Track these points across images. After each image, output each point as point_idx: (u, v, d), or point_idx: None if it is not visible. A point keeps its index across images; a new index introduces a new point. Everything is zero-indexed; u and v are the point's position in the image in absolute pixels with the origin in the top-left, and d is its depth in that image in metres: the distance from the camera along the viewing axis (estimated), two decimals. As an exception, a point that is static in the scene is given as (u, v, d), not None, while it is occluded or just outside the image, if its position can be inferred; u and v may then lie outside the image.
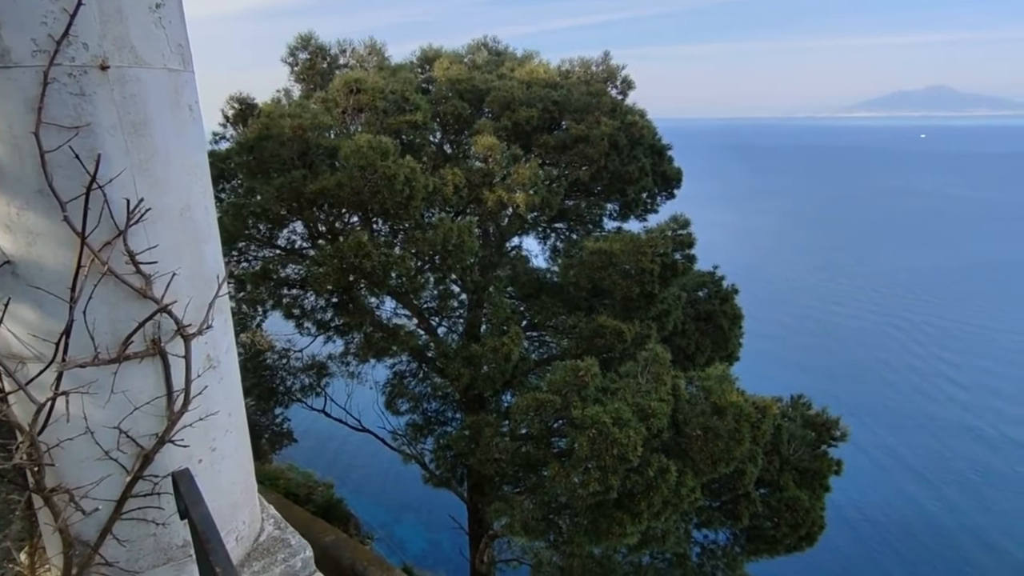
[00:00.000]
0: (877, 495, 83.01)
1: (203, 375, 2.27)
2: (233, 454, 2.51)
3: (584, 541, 6.17)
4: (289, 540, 2.65)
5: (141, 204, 2.01)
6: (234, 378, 2.57)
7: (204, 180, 2.37)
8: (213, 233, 2.45)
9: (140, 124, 2.01)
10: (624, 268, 8.52)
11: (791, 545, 7.12)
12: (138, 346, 2.06)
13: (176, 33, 2.15)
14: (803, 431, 7.41)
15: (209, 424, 2.33)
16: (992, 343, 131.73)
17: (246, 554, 2.56)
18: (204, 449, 2.34)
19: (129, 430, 2.07)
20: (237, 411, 2.57)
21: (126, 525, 2.15)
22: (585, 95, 12.52)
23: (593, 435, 5.74)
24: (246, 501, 2.62)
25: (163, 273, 2.11)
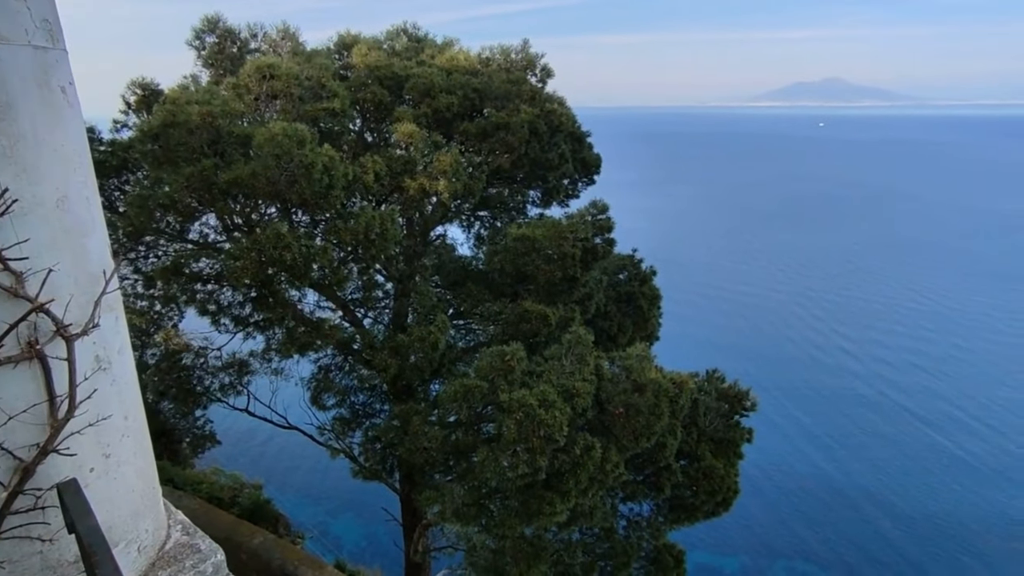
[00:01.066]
0: (782, 460, 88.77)
1: (92, 377, 2.09)
2: (131, 460, 2.33)
3: (515, 523, 6.23)
4: (199, 545, 2.51)
5: (7, 195, 1.81)
6: (129, 379, 2.38)
7: (84, 169, 2.17)
8: (98, 226, 2.25)
9: (1, 107, 1.81)
10: (547, 253, 8.59)
11: (709, 511, 7.48)
12: (11, 349, 1.87)
13: (42, 7, 1.95)
14: (718, 403, 7.77)
15: (101, 429, 2.15)
16: (882, 316, 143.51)
17: (150, 564, 2.39)
18: (96, 456, 2.16)
19: (3, 442, 1.88)
20: (134, 414, 2.39)
21: (6, 545, 1.95)
22: (505, 83, 12.48)
23: (520, 418, 5.77)
24: (148, 508, 2.45)
25: (38, 270, 1.91)
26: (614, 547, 7.37)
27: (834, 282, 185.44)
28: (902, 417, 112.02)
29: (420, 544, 11.72)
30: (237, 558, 10.10)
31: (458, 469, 6.96)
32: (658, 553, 7.74)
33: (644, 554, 7.72)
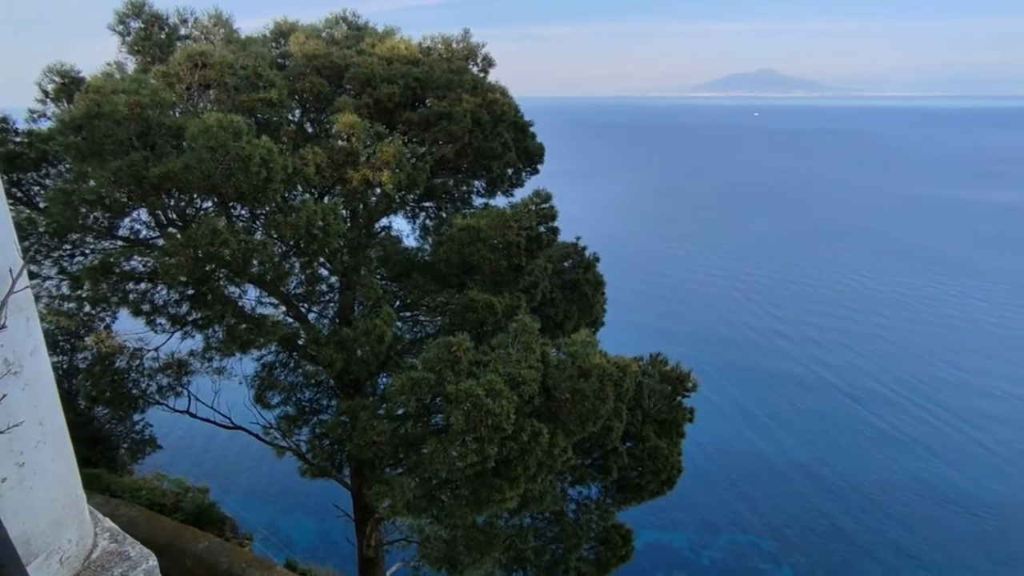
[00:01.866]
0: (721, 439, 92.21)
1: (0, 382, 1.96)
2: (50, 467, 2.20)
3: (466, 512, 6.23)
4: (128, 552, 2.40)
5: None
6: (44, 383, 2.24)
7: (-17, 159, 2.01)
8: (2, 222, 2.10)
9: None
10: (492, 243, 8.58)
11: (655, 491, 7.68)
12: (-97, 355, 1.72)
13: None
14: (661, 385, 7.97)
15: (14, 437, 2.02)
16: (812, 298, 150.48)
17: (74, 574, 2.27)
18: (9, 465, 2.03)
19: (-102, 455, 1.74)
20: (51, 419, 2.25)
21: (-92, 564, 1.81)
22: (447, 72, 12.36)
23: (468, 408, 5.76)
24: (72, 517, 2.32)
25: (-70, 268, 1.77)
26: (564, 530, 7.49)
27: (768, 266, 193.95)
28: (831, 393, 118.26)
29: (373, 539, 11.60)
30: (182, 564, 9.76)
31: (408, 462, 6.91)
32: (607, 533, 7.91)
33: (594, 535, 7.87)
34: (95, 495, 10.99)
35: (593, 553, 7.91)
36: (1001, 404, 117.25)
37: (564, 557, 7.49)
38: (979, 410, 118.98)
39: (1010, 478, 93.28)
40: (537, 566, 7.51)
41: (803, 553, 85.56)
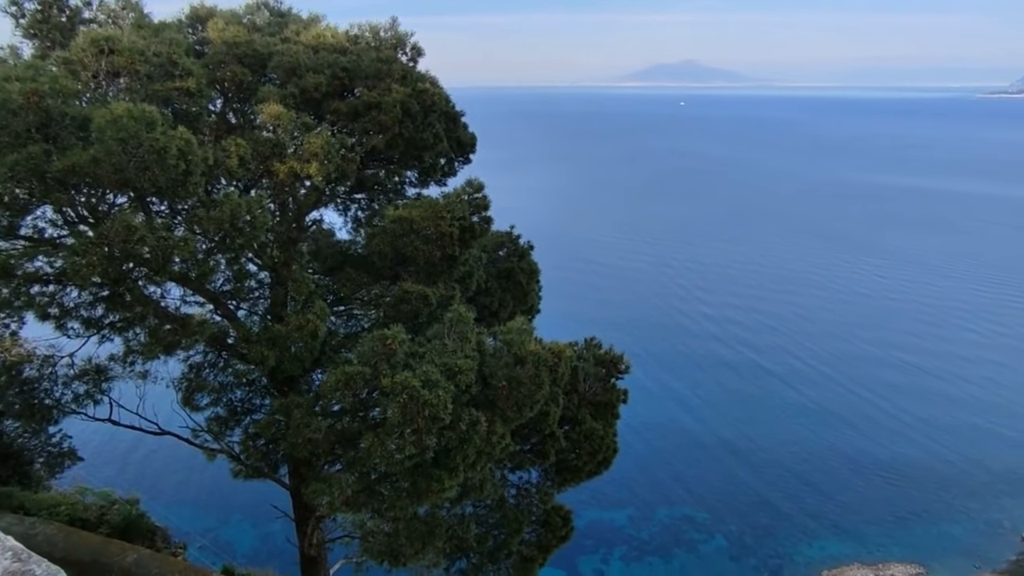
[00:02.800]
0: (654, 418, 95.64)
1: None
2: (-63, 487, 2.02)
3: (406, 504, 6.18)
4: (33, 571, 2.23)
5: None
6: (-74, 396, 2.04)
7: None
8: None
9: None
10: (425, 234, 8.48)
11: (592, 471, 7.86)
12: None
13: None
14: (595, 369, 8.14)
15: None
16: (735, 280, 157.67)
17: (-29, 600, 2.10)
18: None
19: None
20: (-63, 435, 2.06)
21: None
22: (375, 61, 12.09)
23: (404, 400, 5.70)
24: (-34, 539, 2.14)
25: None
26: (505, 515, 7.55)
27: (695, 250, 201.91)
28: (754, 371, 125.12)
29: (315, 537, 11.34)
30: (108, 579, 9.24)
31: (346, 458, 6.78)
32: (547, 516, 8.04)
33: (535, 518, 7.99)
34: (5, 515, 10.24)
35: (535, 535, 8.04)
36: (901, 374, 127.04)
37: (506, 542, 7.57)
38: (883, 380, 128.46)
39: (911, 441, 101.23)
40: (480, 553, 7.56)
41: (733, 522, 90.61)
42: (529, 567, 7.75)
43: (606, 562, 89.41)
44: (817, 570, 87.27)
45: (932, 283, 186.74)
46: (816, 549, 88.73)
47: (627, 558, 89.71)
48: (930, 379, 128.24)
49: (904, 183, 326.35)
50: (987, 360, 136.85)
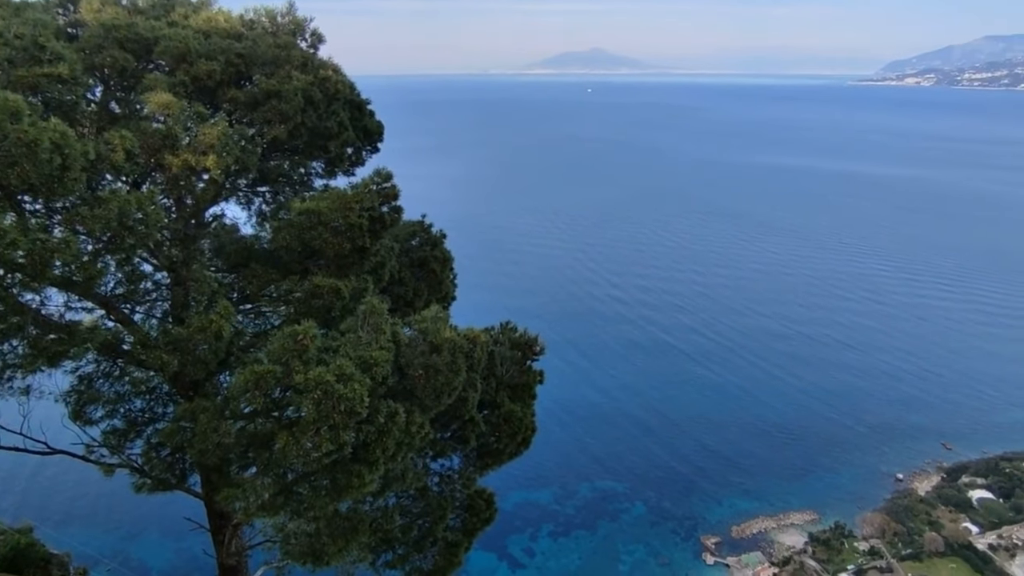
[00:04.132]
0: (572, 396, 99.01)
1: None
2: None
3: (326, 502, 6.03)
4: None
5: None
6: None
7: None
8: None
9: None
10: (334, 225, 8.22)
11: (512, 452, 7.99)
12: None
13: None
14: (512, 352, 8.24)
15: None
16: (642, 261, 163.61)
17: None
18: None
19: None
20: None
21: None
22: (273, 48, 11.55)
23: (319, 397, 5.53)
24: None
25: None
26: (429, 504, 7.54)
27: (605, 233, 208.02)
28: (661, 347, 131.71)
29: (233, 545, 10.84)
30: (-4, 614, 8.42)
31: (260, 460, 6.49)
32: (471, 500, 8.10)
33: (458, 504, 8.03)
34: None
35: (459, 521, 8.07)
36: (792, 343, 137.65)
37: (431, 530, 7.56)
38: (777, 350, 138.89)
39: (802, 404, 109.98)
40: (405, 543, 7.51)
41: (651, 490, 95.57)
42: (455, 552, 7.80)
43: (535, 540, 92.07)
44: (728, 526, 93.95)
45: (816, 256, 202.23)
46: (726, 507, 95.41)
47: (555, 534, 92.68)
48: (817, 346, 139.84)
49: (790, 163, 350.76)
50: (864, 326, 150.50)
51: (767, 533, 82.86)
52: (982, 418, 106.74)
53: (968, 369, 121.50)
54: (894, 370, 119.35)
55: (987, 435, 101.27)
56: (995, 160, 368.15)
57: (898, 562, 75.99)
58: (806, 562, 76.60)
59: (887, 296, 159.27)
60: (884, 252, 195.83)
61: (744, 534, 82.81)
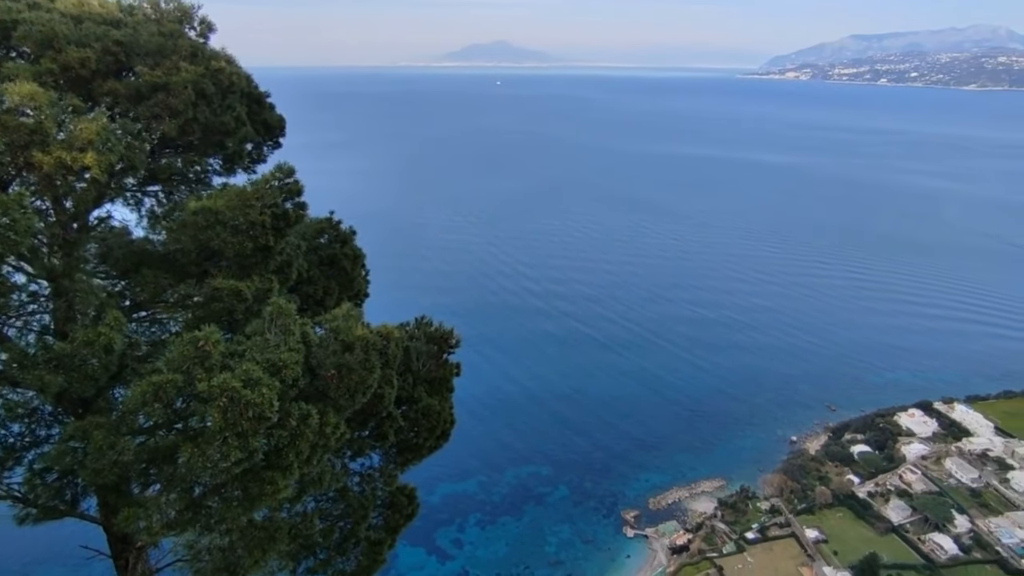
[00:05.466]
0: (490, 386, 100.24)
1: None
2: None
3: (239, 513, 5.70)
4: None
5: None
6: None
7: None
8: None
9: None
10: (234, 224, 7.75)
11: (432, 446, 7.91)
12: None
13: None
14: (427, 346, 8.15)
15: None
16: (552, 250, 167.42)
17: None
18: None
19: None
20: None
21: None
22: (157, 36, 10.73)
23: (225, 404, 5.22)
24: None
25: None
26: (350, 504, 7.33)
27: (517, 224, 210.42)
28: (573, 333, 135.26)
29: (139, 569, 10.06)
30: None
31: (163, 476, 6.04)
32: (393, 497, 7.96)
33: (380, 502, 7.87)
34: None
35: (381, 519, 7.91)
36: (695, 323, 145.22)
37: (353, 530, 7.35)
38: (681, 331, 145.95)
39: (704, 382, 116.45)
40: (327, 547, 7.26)
41: (573, 471, 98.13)
42: (379, 551, 7.63)
43: (462, 531, 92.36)
44: (645, 499, 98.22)
45: (712, 240, 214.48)
46: (642, 482, 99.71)
47: (482, 522, 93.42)
48: (716, 327, 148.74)
49: (687, 152, 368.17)
50: (757, 305, 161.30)
51: (681, 502, 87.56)
52: (859, 381, 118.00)
53: (846, 339, 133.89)
54: (784, 344, 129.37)
55: (864, 396, 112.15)
56: (861, 148, 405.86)
57: (795, 517, 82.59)
58: (716, 525, 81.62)
59: (776, 276, 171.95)
60: (772, 234, 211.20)
61: (660, 505, 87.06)
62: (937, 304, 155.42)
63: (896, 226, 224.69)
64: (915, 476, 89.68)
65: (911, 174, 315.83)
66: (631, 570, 77.50)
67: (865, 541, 78.05)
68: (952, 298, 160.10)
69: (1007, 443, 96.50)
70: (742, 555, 76.85)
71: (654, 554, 79.30)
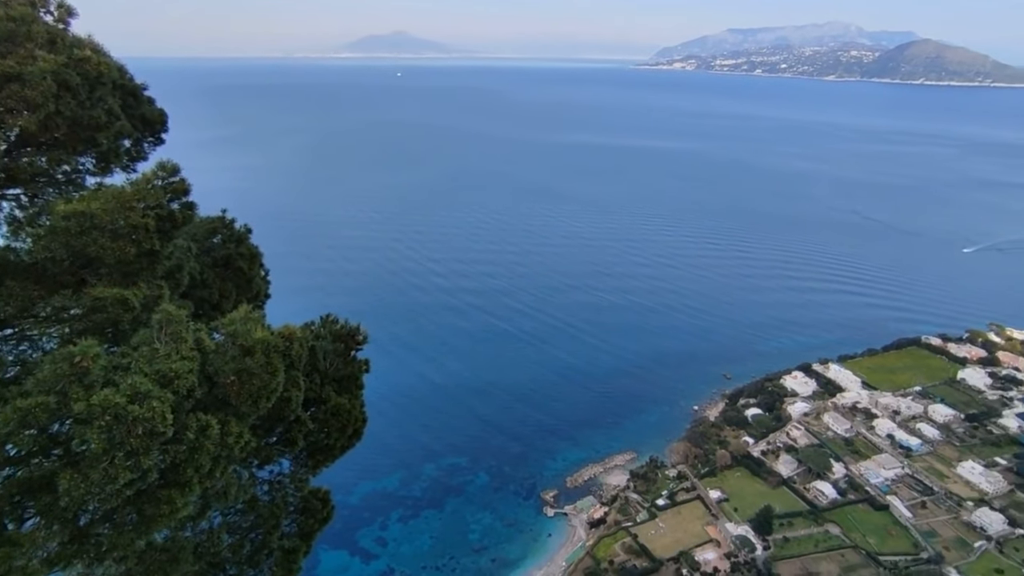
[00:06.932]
0: (402, 381, 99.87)
1: None
2: None
3: (133, 538, 5.25)
4: None
5: None
6: None
7: None
8: None
9: None
10: (112, 228, 7.07)
11: (344, 446, 7.66)
12: None
13: None
14: (334, 344, 7.85)
15: None
16: (460, 240, 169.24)
17: None
18: None
19: None
20: None
21: None
22: (5, 21, 9.55)
23: (109, 423, 4.76)
24: None
25: None
26: (260, 515, 6.94)
27: (422, 217, 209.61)
28: (482, 319, 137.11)
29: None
30: None
31: (40, 507, 5.42)
32: (305, 502, 7.63)
33: (293, 508, 7.52)
34: None
35: (294, 525, 7.57)
36: (597, 304, 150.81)
37: (265, 541, 6.97)
38: (585, 312, 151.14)
39: (612, 358, 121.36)
40: (237, 562, 6.83)
41: (491, 459, 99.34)
42: (293, 559, 7.29)
43: (385, 528, 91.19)
44: (563, 479, 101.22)
45: (613, 226, 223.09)
46: (559, 461, 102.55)
47: (404, 518, 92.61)
48: (619, 309, 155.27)
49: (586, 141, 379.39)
50: (658, 287, 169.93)
51: (596, 478, 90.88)
52: (750, 350, 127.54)
53: (737, 313, 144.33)
54: (682, 321, 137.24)
55: (754, 363, 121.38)
56: (742, 133, 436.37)
57: (699, 480, 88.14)
58: (630, 496, 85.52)
59: (673, 258, 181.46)
60: (667, 218, 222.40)
61: (577, 483, 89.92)
62: (811, 277, 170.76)
63: (774, 205, 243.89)
64: (800, 432, 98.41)
65: (785, 157, 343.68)
66: (553, 548, 79.65)
67: (760, 495, 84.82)
68: (823, 269, 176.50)
69: (871, 395, 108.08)
70: (654, 521, 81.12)
71: (574, 530, 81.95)
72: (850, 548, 75.65)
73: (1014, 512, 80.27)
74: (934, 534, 78.04)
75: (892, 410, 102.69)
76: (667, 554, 76.04)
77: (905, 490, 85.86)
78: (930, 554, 74.22)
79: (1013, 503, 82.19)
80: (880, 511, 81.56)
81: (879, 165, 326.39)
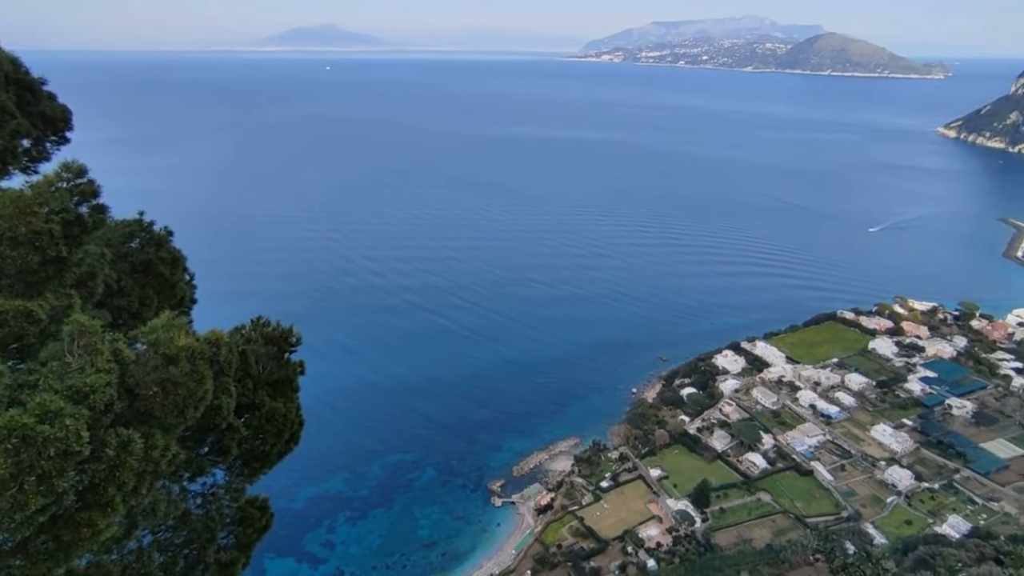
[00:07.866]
0: (340, 382, 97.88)
1: None
2: None
3: (51, 566, 4.86)
4: None
5: None
6: None
7: None
8: None
9: None
10: (12, 235, 6.49)
11: (281, 451, 7.38)
12: None
13: None
14: (266, 347, 7.53)
15: None
16: (396, 235, 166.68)
17: None
18: None
19: None
20: None
21: None
22: None
23: (15, 446, 4.37)
24: None
25: None
26: (194, 529, 6.59)
27: (356, 214, 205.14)
28: (420, 315, 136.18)
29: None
30: None
31: (-59, 541, 4.93)
32: (243, 512, 7.31)
33: (229, 519, 7.19)
34: None
35: (232, 537, 7.24)
36: (536, 295, 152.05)
37: (200, 557, 6.63)
38: (524, 304, 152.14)
39: (551, 346, 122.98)
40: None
41: (438, 452, 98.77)
42: (231, 571, 6.97)
43: (332, 531, 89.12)
44: (509, 468, 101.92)
45: (549, 217, 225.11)
46: (505, 452, 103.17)
47: (352, 519, 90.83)
48: (558, 301, 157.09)
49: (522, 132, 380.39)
50: (593, 277, 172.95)
51: (542, 465, 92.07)
52: (683, 332, 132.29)
53: (671, 297, 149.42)
54: (619, 308, 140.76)
55: (688, 344, 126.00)
56: (669, 123, 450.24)
57: (640, 460, 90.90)
58: (575, 480, 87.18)
59: (608, 247, 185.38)
60: (600, 207, 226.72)
61: (523, 471, 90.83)
62: (737, 260, 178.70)
63: (701, 192, 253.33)
64: (731, 408, 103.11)
65: (710, 145, 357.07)
66: (502, 537, 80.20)
67: (698, 470, 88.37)
68: (748, 253, 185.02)
69: (795, 368, 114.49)
70: (599, 503, 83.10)
71: (522, 518, 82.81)
72: (780, 513, 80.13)
73: (920, 468, 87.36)
74: (853, 493, 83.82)
75: (813, 381, 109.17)
76: (612, 533, 78.11)
77: (827, 455, 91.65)
78: (849, 512, 79.70)
79: (919, 460, 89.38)
80: (805, 476, 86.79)
81: (794, 151, 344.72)
